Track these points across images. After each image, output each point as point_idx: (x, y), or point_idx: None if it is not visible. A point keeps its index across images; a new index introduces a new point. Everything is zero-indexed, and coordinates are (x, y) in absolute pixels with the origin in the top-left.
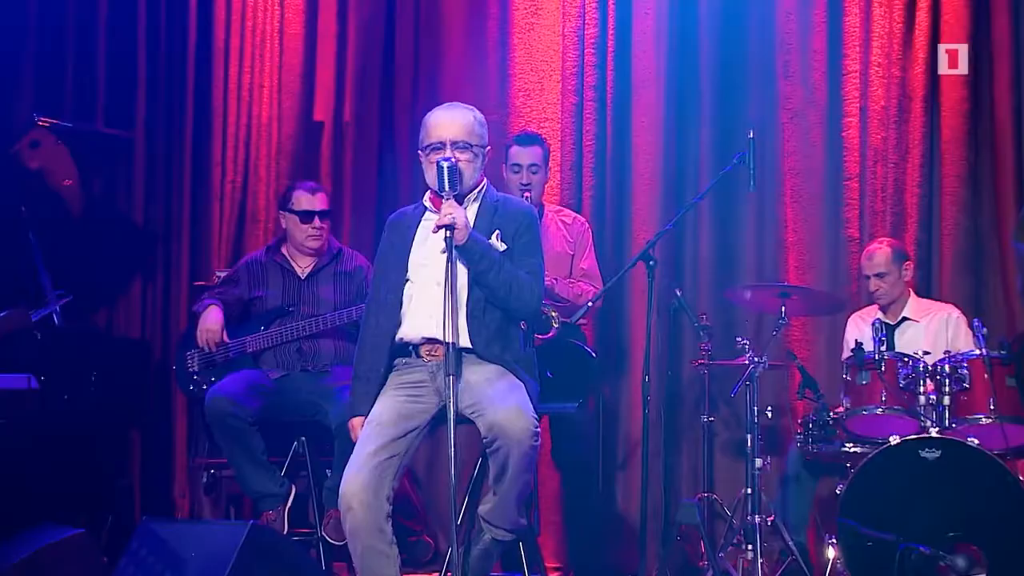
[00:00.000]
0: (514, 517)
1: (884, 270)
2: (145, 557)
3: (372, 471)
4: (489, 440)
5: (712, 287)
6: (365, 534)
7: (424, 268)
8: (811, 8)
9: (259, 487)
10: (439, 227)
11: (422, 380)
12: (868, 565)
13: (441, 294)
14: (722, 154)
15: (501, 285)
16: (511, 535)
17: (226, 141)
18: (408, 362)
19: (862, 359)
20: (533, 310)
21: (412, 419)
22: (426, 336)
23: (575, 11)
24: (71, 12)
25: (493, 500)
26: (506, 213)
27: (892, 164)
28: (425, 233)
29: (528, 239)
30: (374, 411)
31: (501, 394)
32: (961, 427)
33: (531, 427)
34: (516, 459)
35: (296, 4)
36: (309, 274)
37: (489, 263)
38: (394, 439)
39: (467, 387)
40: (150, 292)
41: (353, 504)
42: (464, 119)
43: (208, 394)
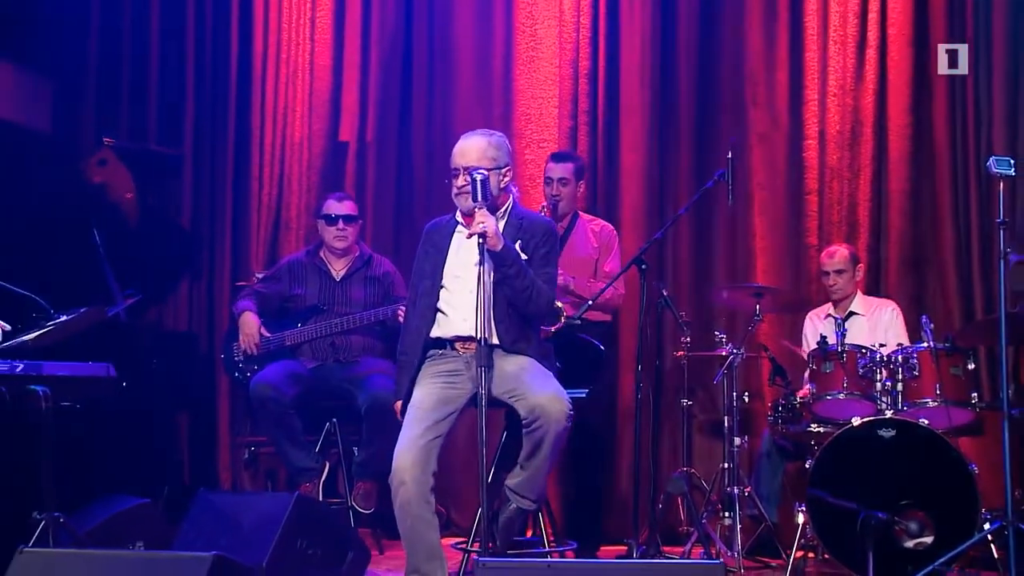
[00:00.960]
0: (541, 489)
1: (843, 267)
2: (204, 523)
3: (420, 451)
4: (529, 420)
5: (690, 287)
6: (414, 505)
7: (458, 279)
8: (775, 46)
9: (297, 462)
10: (473, 234)
11: (457, 369)
12: (834, 530)
13: (473, 300)
14: (699, 172)
15: (523, 289)
16: (535, 505)
17: (263, 158)
18: (443, 354)
19: (826, 350)
20: (544, 313)
21: (450, 403)
22: (460, 335)
23: (570, 45)
24: (127, 45)
25: (523, 474)
26: (530, 226)
27: (846, 181)
28: (459, 244)
29: (546, 251)
30: (416, 397)
31: (539, 381)
32: (912, 410)
33: (567, 410)
34: (552, 438)
35: (325, 39)
36: (343, 276)
37: (517, 269)
38: (436, 422)
39: (502, 375)
40: (196, 291)
41: (405, 479)
42: (477, 146)
43: (252, 382)
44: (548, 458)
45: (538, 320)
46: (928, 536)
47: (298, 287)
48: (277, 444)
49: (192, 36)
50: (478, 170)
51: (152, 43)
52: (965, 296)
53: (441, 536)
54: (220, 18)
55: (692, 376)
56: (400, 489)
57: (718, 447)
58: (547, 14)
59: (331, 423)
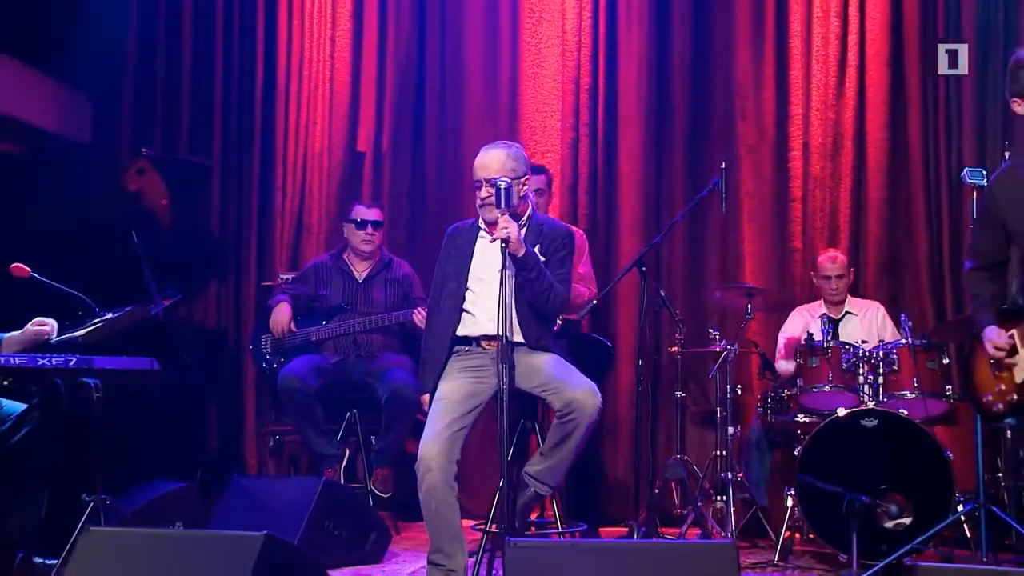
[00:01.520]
0: (560, 477)
1: (843, 273)
2: (237, 505)
3: (446, 441)
4: (564, 412)
5: (684, 288)
6: (440, 491)
7: (482, 281)
8: (763, 65)
9: (320, 449)
10: (496, 239)
11: (483, 365)
12: (821, 512)
13: (498, 300)
14: (692, 180)
15: (543, 291)
16: (552, 491)
17: (286, 168)
18: (469, 350)
19: (812, 346)
20: (559, 311)
21: (476, 396)
22: (486, 334)
23: (572, 63)
24: (160, 64)
25: (545, 462)
26: (549, 231)
27: (828, 189)
28: (482, 248)
29: (563, 254)
30: (442, 390)
31: (573, 376)
32: (892, 401)
33: (599, 404)
34: (583, 429)
35: (344, 56)
36: (365, 278)
37: (537, 273)
38: (462, 414)
39: (530, 370)
40: (223, 291)
41: (432, 466)
42: (497, 158)
43: (280, 374)
44: (575, 448)
45: (551, 316)
46: (907, 517)
47: (323, 288)
48: (302, 432)
49: (220, 54)
50: (501, 179)
51: (184, 61)
52: (937, 297)
53: None
54: (246, 39)
55: (685, 370)
56: (426, 476)
57: (709, 436)
58: (550, 33)
59: (351, 413)
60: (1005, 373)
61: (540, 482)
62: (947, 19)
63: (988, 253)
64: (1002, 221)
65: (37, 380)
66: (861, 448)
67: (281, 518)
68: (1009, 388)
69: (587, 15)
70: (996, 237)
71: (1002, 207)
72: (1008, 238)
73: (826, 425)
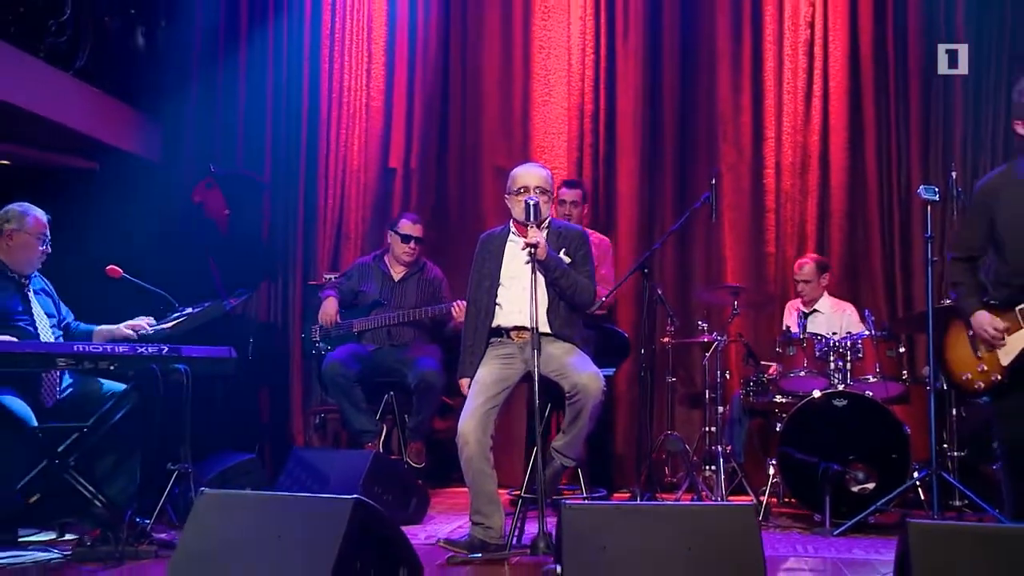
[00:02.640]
0: (580, 450)
1: (808, 278)
2: (298, 475)
3: (481, 417)
4: (572, 395)
5: (674, 287)
6: (476, 460)
7: (513, 279)
8: (741, 95)
9: (360, 426)
10: (528, 244)
11: (512, 353)
12: (798, 479)
13: (527, 296)
14: (680, 195)
15: (568, 287)
16: (574, 462)
17: (327, 182)
18: (502, 341)
19: (790, 338)
20: (589, 303)
21: (505, 380)
22: (517, 325)
23: (576, 92)
24: (220, 91)
25: (565, 437)
26: (568, 235)
27: (797, 203)
28: (512, 250)
29: (584, 253)
30: (479, 375)
31: (581, 363)
32: (858, 384)
33: (602, 387)
34: (590, 409)
35: (378, 87)
36: (401, 279)
37: (561, 272)
38: (494, 395)
39: (550, 358)
40: (273, 289)
41: (469, 440)
42: (542, 174)
43: (324, 361)
44: (586, 425)
45: (582, 308)
46: (871, 483)
47: (365, 284)
48: (344, 411)
49: (271, 84)
50: (532, 197)
51: (239, 91)
52: (890, 295)
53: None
54: (293, 71)
55: (675, 358)
56: (465, 448)
57: (695, 415)
58: (558, 67)
59: (389, 395)
60: (987, 355)
61: (563, 455)
62: (896, 56)
63: (970, 247)
64: (991, 218)
65: (136, 365)
66: (832, 424)
67: (337, 485)
68: (993, 369)
69: (589, 51)
70: (979, 233)
71: (994, 205)
72: (991, 234)
73: (803, 405)
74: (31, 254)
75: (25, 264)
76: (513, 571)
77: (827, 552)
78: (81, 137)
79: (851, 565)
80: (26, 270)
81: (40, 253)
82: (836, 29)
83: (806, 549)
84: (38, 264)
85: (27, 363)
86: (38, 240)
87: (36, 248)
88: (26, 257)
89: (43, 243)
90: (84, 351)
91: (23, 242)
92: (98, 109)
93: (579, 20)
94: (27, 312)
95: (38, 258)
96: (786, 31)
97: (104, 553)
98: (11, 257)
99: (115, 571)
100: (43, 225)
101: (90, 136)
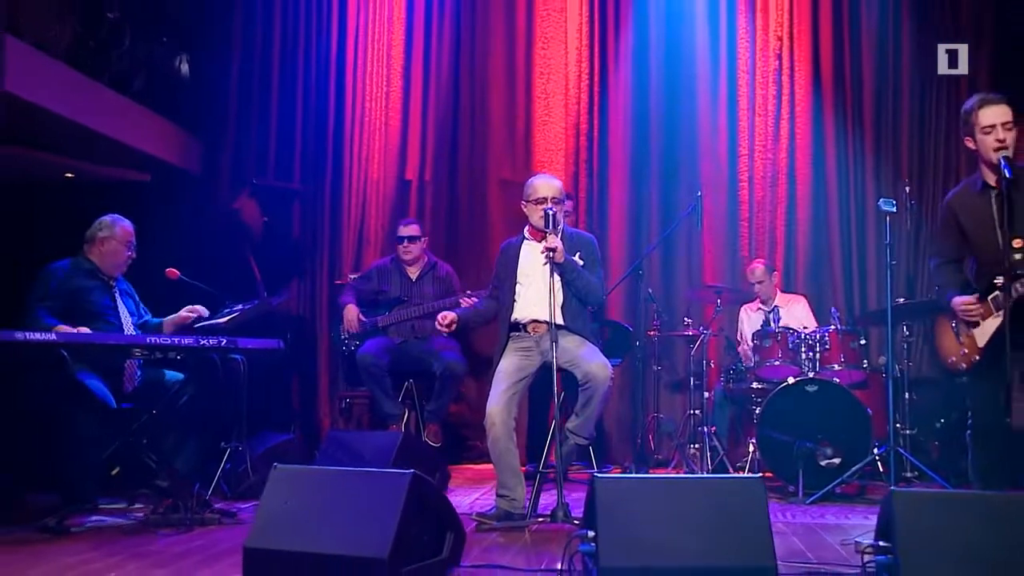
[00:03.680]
0: (591, 431)
1: (760, 279)
2: (334, 453)
3: (506, 402)
4: (583, 382)
5: (658, 286)
6: (502, 440)
7: (529, 277)
8: (719, 116)
9: (388, 409)
10: (547, 249)
11: (530, 347)
12: (775, 455)
13: (544, 293)
14: (664, 205)
15: (583, 287)
16: (586, 441)
17: (350, 192)
18: (520, 335)
19: (766, 331)
20: (598, 301)
21: (524, 369)
22: (534, 318)
23: (573, 113)
24: (255, 109)
25: (578, 420)
26: (579, 241)
27: (768, 212)
28: (526, 253)
29: (594, 258)
30: (502, 365)
31: (590, 354)
32: (826, 372)
33: (610, 375)
34: (599, 395)
35: (395, 107)
36: (417, 277)
37: (576, 274)
38: (516, 382)
39: (563, 350)
40: (303, 286)
41: (496, 422)
42: (557, 185)
43: (358, 352)
44: (596, 408)
45: (592, 305)
46: (838, 458)
47: (385, 285)
48: (374, 396)
49: (300, 105)
50: (550, 207)
51: (271, 111)
52: (848, 293)
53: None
54: (321, 94)
55: (660, 349)
56: (492, 429)
57: (677, 399)
58: (556, 90)
59: (409, 383)
60: (967, 340)
61: (576, 435)
62: (852, 83)
63: (949, 253)
64: (961, 228)
65: (199, 356)
66: (804, 407)
67: (371, 462)
68: (972, 351)
69: (584, 77)
70: (954, 240)
71: (961, 219)
72: (965, 241)
73: (779, 390)
74: (119, 259)
75: (113, 267)
76: (534, 536)
77: (802, 518)
78: (136, 152)
79: (823, 528)
80: (114, 273)
81: (127, 258)
82: (801, 60)
83: (784, 516)
84: (124, 268)
85: (110, 353)
86: (125, 246)
87: (124, 254)
88: (114, 261)
89: (130, 249)
90: (156, 343)
91: (113, 248)
92: (150, 127)
93: (575, 50)
94: (114, 310)
95: (125, 262)
96: (758, 62)
97: (176, 519)
98: (103, 261)
99: (186, 535)
100: (130, 233)
101: (143, 151)
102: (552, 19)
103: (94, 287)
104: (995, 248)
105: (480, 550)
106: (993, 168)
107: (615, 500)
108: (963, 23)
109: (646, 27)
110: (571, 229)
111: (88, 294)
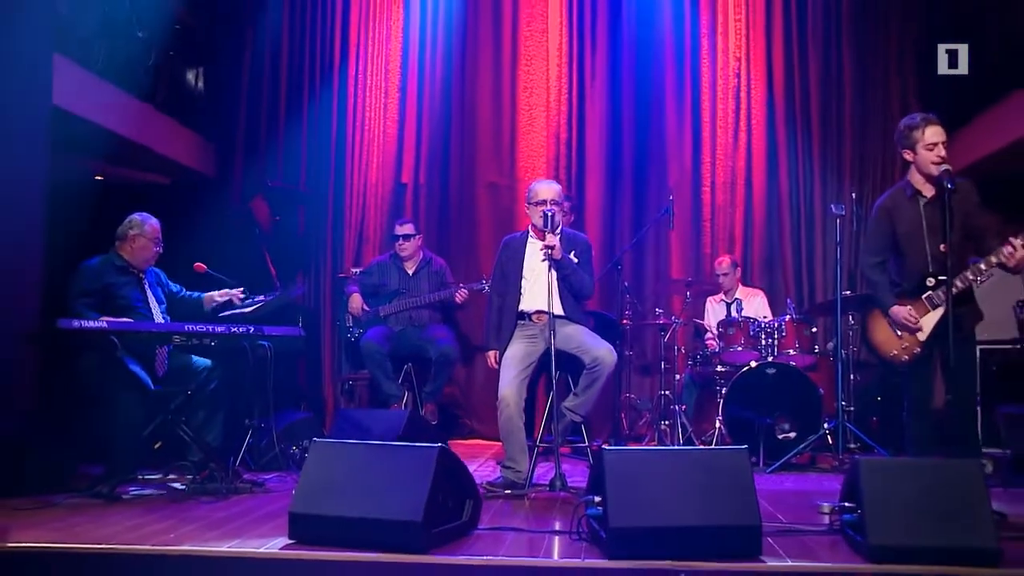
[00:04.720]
0: (589, 409)
1: (726, 271)
2: (344, 429)
3: (517, 386)
4: (592, 366)
5: (632, 279)
6: (514, 419)
7: (533, 272)
8: (684, 127)
9: (389, 391)
10: (546, 247)
11: (534, 334)
12: (739, 431)
13: (546, 286)
14: (637, 208)
15: (576, 281)
16: (582, 419)
17: (352, 192)
18: (525, 324)
19: (730, 320)
20: (589, 295)
21: (531, 356)
22: (538, 309)
23: (554, 123)
24: (264, 114)
25: (577, 399)
26: (575, 241)
27: (728, 214)
28: (531, 251)
29: (587, 256)
30: (510, 352)
31: (594, 340)
32: (783, 356)
33: (615, 359)
34: (604, 376)
35: (392, 116)
36: (414, 272)
37: (571, 271)
38: (524, 367)
39: (568, 337)
40: (307, 280)
41: (509, 403)
42: (557, 188)
43: (362, 339)
44: (599, 389)
45: (585, 299)
46: (793, 432)
47: (384, 279)
48: (376, 378)
49: (306, 112)
50: (549, 209)
51: (279, 116)
52: (799, 286)
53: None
54: (324, 103)
55: (632, 336)
56: (505, 409)
57: (646, 381)
58: (539, 102)
59: (408, 367)
60: (908, 336)
61: (574, 413)
62: (802, 98)
63: (879, 251)
64: (893, 230)
65: (230, 342)
66: (764, 388)
67: (380, 438)
68: (913, 345)
69: (564, 91)
70: (884, 239)
71: (894, 219)
72: (895, 241)
73: (742, 374)
74: (148, 254)
75: (143, 262)
76: (534, 503)
77: (766, 485)
78: (159, 157)
79: (784, 493)
80: (143, 267)
81: (155, 253)
82: (756, 79)
83: None
84: (152, 262)
85: (150, 339)
86: (154, 243)
87: (152, 249)
88: (144, 256)
89: (157, 244)
90: (192, 330)
91: (143, 244)
92: (171, 134)
93: (556, 67)
94: (144, 301)
95: (153, 256)
96: (719, 79)
97: (212, 488)
98: (134, 257)
99: (223, 502)
100: (158, 230)
101: (166, 156)
102: (535, 39)
103: (125, 282)
104: (921, 250)
105: (490, 514)
106: (931, 179)
107: (622, 469)
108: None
109: (619, 47)
110: (569, 230)
111: (120, 289)
